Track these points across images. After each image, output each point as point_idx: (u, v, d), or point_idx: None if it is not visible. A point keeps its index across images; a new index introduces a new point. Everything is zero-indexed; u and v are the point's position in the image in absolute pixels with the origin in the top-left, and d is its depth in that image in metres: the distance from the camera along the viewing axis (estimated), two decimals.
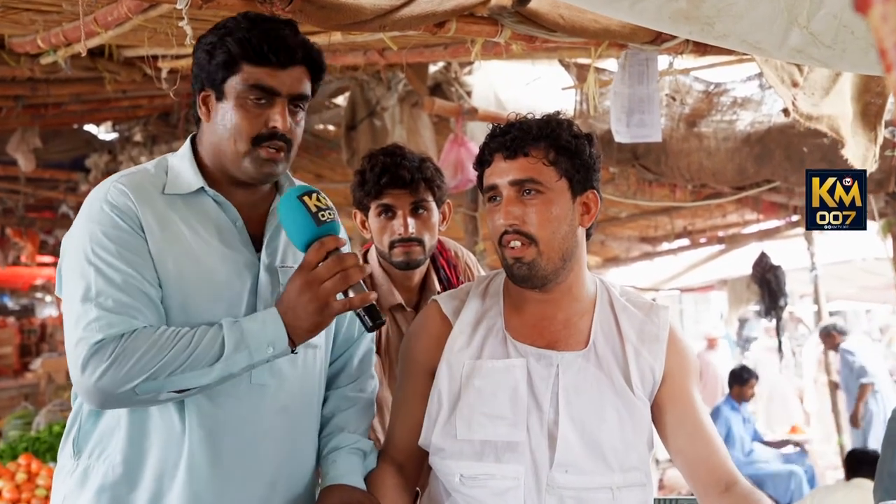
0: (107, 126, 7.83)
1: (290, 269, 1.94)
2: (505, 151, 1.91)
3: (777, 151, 4.68)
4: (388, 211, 2.61)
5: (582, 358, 1.93)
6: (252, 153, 1.83)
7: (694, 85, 4.85)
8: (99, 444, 1.83)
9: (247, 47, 1.79)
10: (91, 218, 1.78)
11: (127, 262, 1.75)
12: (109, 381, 1.68)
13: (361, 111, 5.55)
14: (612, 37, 3.00)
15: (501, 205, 1.91)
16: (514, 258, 1.91)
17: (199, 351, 1.71)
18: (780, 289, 9.12)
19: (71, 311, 1.75)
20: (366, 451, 2.02)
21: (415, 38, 3.39)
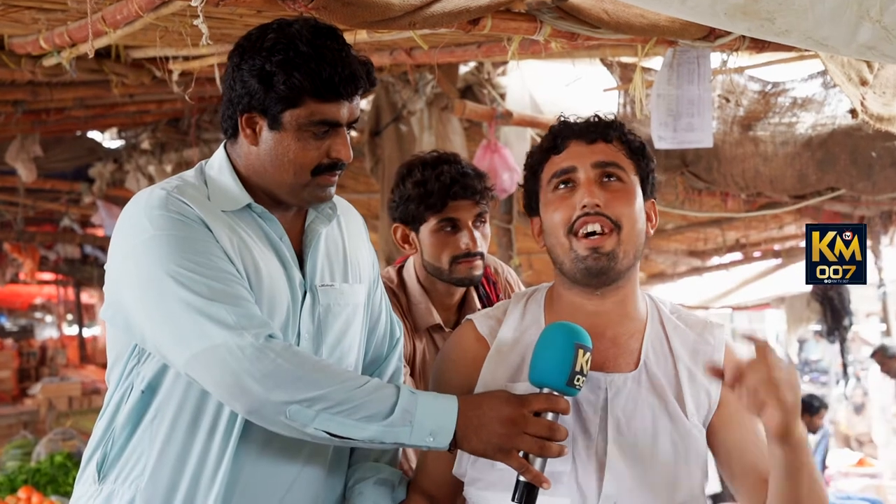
0: (112, 133, 7.91)
1: (330, 287, 1.98)
2: (586, 136, 1.93)
3: (842, 156, 4.64)
4: (453, 224, 2.60)
5: (632, 380, 1.91)
6: (311, 183, 1.88)
7: (749, 85, 4.82)
8: (126, 466, 1.86)
9: (317, 83, 1.81)
10: (160, 227, 1.79)
11: (225, 262, 1.79)
12: (269, 386, 1.69)
13: (386, 115, 5.56)
14: (660, 33, 2.99)
15: (579, 189, 1.90)
16: (591, 248, 1.88)
17: (368, 400, 1.73)
18: (843, 307, 9.02)
19: (184, 320, 1.74)
20: (394, 483, 2.02)
21: (446, 36, 3.39)
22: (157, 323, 1.79)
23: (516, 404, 1.76)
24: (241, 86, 1.86)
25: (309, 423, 1.71)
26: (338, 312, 1.98)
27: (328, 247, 2.03)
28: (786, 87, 4.77)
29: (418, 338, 2.69)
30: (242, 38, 1.90)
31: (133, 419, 1.87)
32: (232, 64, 1.89)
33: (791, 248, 9.89)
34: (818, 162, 4.70)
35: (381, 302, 2.17)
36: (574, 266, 1.92)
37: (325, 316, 1.96)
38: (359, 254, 2.10)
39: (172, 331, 1.77)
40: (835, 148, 4.63)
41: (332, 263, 2.02)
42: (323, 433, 1.73)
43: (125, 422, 1.88)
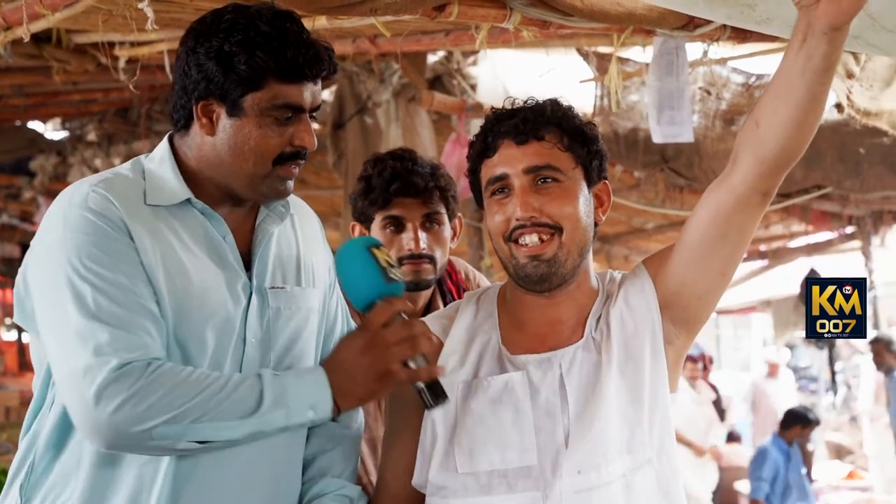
0: (55, 123, 7.82)
1: (281, 290, 1.96)
2: (515, 136, 1.93)
3: (829, 153, 4.67)
4: (397, 223, 2.61)
5: (581, 349, 1.96)
6: (272, 174, 1.86)
7: (732, 77, 4.84)
8: (52, 491, 1.82)
9: (281, 63, 1.80)
10: (72, 227, 1.76)
11: (126, 276, 1.75)
12: (127, 416, 1.67)
13: (350, 107, 5.54)
14: (637, 22, 3.00)
15: (513, 196, 1.92)
16: (530, 256, 1.91)
17: (232, 400, 1.72)
18: None
19: (65, 335, 1.72)
20: (352, 498, 2.02)
21: (411, 23, 3.39)
22: (48, 334, 1.78)
23: (363, 331, 1.81)
24: (197, 70, 1.83)
25: (179, 438, 1.70)
26: (289, 317, 1.96)
27: (280, 248, 2.01)
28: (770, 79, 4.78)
29: None
30: (196, 21, 1.88)
31: (58, 435, 1.83)
32: (185, 48, 1.86)
33: (778, 249, 9.96)
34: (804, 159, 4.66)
35: (338, 307, 2.16)
36: (516, 273, 1.96)
37: (276, 320, 1.94)
38: (314, 257, 2.08)
39: (55, 345, 1.76)
40: (821, 144, 4.65)
41: (284, 265, 2.00)
42: (195, 444, 1.72)
43: (49, 438, 1.84)
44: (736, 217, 1.87)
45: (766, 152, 1.79)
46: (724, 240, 1.89)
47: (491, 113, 2.00)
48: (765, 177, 1.83)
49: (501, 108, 1.99)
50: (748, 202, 1.86)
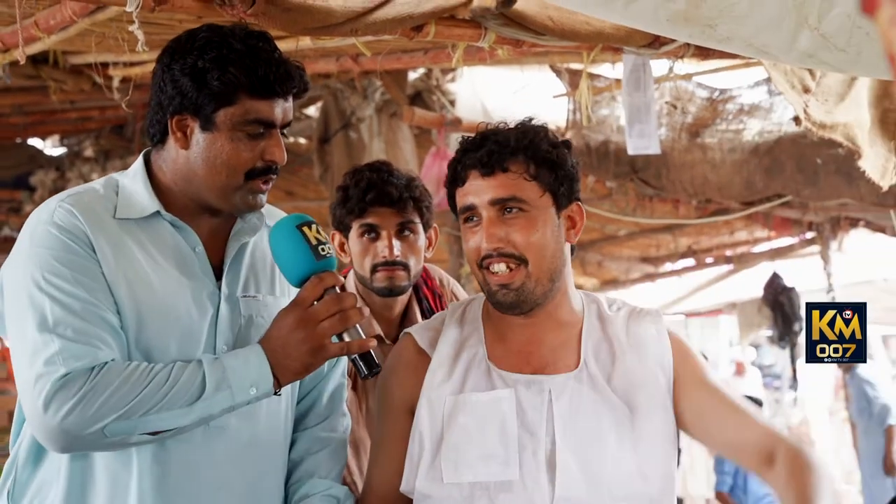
0: (54, 140, 7.79)
1: (253, 298, 1.94)
2: (481, 168, 1.90)
3: (788, 163, 4.69)
4: (372, 231, 2.60)
5: (574, 379, 1.92)
6: (244, 187, 1.84)
7: (696, 91, 4.86)
8: (37, 496, 1.81)
9: (253, 79, 1.78)
10: (37, 242, 1.75)
11: (84, 288, 1.73)
12: (77, 421, 1.65)
13: (335, 122, 5.54)
14: (605, 40, 3.00)
15: (482, 227, 1.90)
16: (499, 285, 1.90)
17: (176, 389, 1.70)
18: (794, 312, 9.12)
19: (23, 346, 1.71)
20: (339, 499, 1.99)
21: (391, 42, 3.38)
22: (12, 343, 1.77)
23: (294, 307, 1.78)
24: (172, 86, 1.81)
25: (133, 431, 1.69)
26: (261, 325, 1.92)
27: (254, 258, 1.99)
28: (732, 94, 4.82)
29: None
30: (172, 40, 1.87)
31: (37, 446, 1.81)
32: (161, 65, 1.85)
33: (742, 254, 9.97)
34: (765, 169, 4.74)
35: None
36: (490, 298, 1.96)
37: (247, 328, 1.92)
38: None
39: (16, 354, 1.74)
40: (781, 155, 4.67)
41: (257, 274, 1.98)
42: (147, 436, 1.71)
43: (31, 446, 1.82)
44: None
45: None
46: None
47: (462, 142, 1.97)
48: None
49: (472, 137, 1.96)
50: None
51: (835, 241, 8.04)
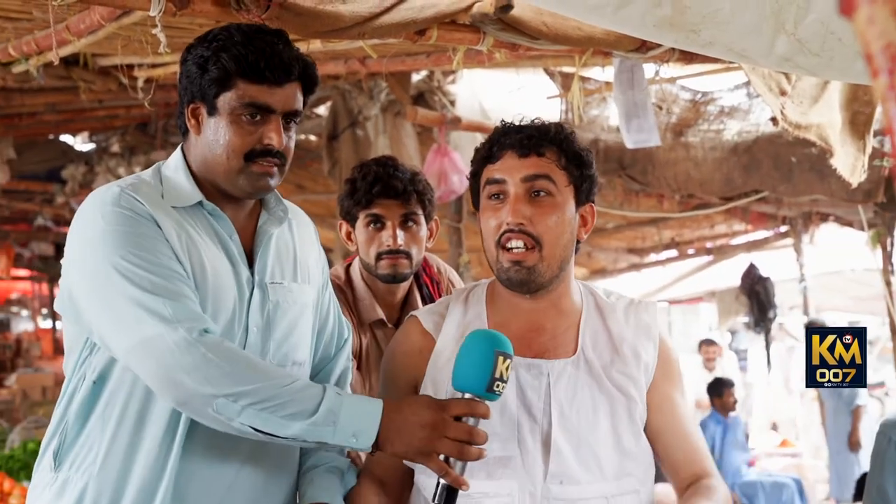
0: (83, 136, 7.79)
1: (279, 285, 1.94)
2: (519, 149, 1.88)
3: (765, 161, 4.69)
4: (378, 221, 2.59)
5: (572, 365, 1.91)
6: (245, 169, 1.83)
7: (680, 94, 4.85)
8: (80, 455, 1.81)
9: (242, 64, 1.77)
10: (110, 222, 1.75)
11: (167, 258, 1.74)
12: (198, 378, 1.65)
13: (343, 121, 5.53)
14: (596, 45, 2.98)
15: (508, 202, 1.87)
16: (513, 261, 1.87)
17: (292, 398, 1.68)
18: (768, 300, 9.12)
19: (126, 311, 1.70)
20: (343, 470, 1.99)
21: (395, 46, 3.37)
22: (102, 314, 1.75)
23: (437, 409, 1.72)
24: (185, 76, 1.84)
25: (235, 417, 1.67)
26: (286, 309, 1.94)
27: (279, 247, 1.99)
28: (714, 96, 4.81)
29: (363, 332, 2.67)
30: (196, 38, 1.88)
31: (85, 409, 1.82)
32: (181, 60, 1.87)
33: (722, 246, 9.97)
34: (744, 166, 4.74)
35: (330, 303, 2.13)
36: (500, 275, 1.92)
37: (275, 312, 1.92)
38: (308, 257, 2.06)
39: (114, 322, 1.73)
40: (759, 153, 4.67)
41: (282, 263, 1.97)
42: (249, 428, 1.69)
43: (78, 411, 1.83)
44: None
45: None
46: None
47: (500, 125, 1.95)
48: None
49: (510, 122, 1.94)
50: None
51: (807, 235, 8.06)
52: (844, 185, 3.97)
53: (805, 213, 7.52)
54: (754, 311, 9.29)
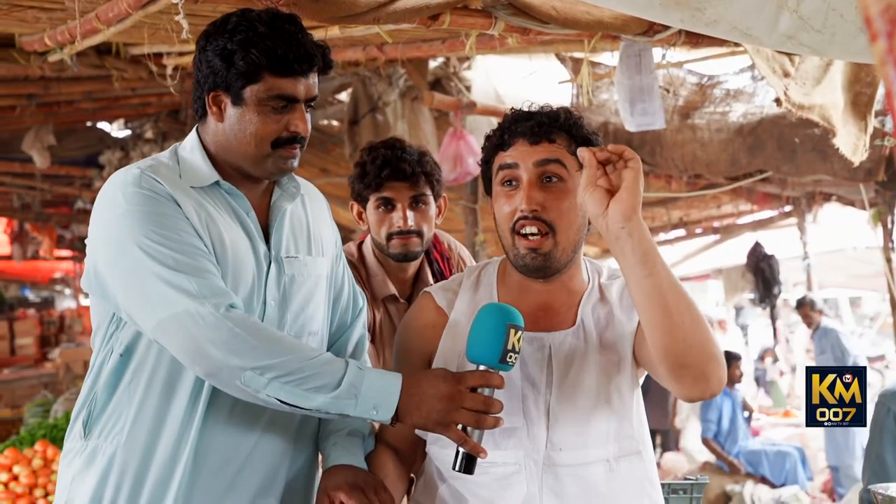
0: (119, 123, 7.81)
1: (294, 258, 1.92)
2: (530, 136, 1.83)
3: (769, 142, 4.62)
4: (388, 204, 2.56)
5: (572, 335, 1.88)
6: (272, 155, 1.82)
7: (687, 77, 4.79)
8: (108, 424, 1.80)
9: (273, 58, 1.75)
10: (131, 202, 1.73)
11: (191, 236, 1.73)
12: (226, 352, 1.64)
13: (364, 106, 5.51)
14: (604, 28, 2.93)
15: (521, 188, 1.82)
16: (529, 248, 1.83)
17: (316, 372, 1.67)
18: (773, 277, 9.07)
19: (153, 288, 1.68)
20: (364, 434, 1.97)
21: (410, 32, 3.32)
22: (128, 291, 1.73)
23: (453, 381, 1.70)
24: (207, 66, 1.79)
25: (261, 389, 1.66)
26: (301, 282, 1.92)
27: (293, 222, 1.96)
28: (720, 79, 4.75)
29: (376, 307, 2.65)
30: (209, 24, 1.84)
31: (112, 381, 1.81)
32: (199, 48, 1.83)
33: (728, 225, 9.91)
34: (749, 147, 4.67)
35: (344, 274, 2.11)
36: (516, 261, 1.87)
37: (290, 285, 1.90)
38: (322, 231, 2.04)
39: (141, 299, 1.71)
40: (763, 134, 4.61)
41: (296, 237, 1.95)
42: (274, 399, 1.67)
43: (106, 383, 1.82)
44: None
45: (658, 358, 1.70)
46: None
47: (510, 113, 1.90)
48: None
49: (520, 109, 1.89)
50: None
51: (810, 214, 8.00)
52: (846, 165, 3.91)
53: (808, 193, 7.45)
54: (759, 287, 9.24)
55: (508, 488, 1.82)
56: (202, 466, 1.79)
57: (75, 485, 1.81)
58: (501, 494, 1.83)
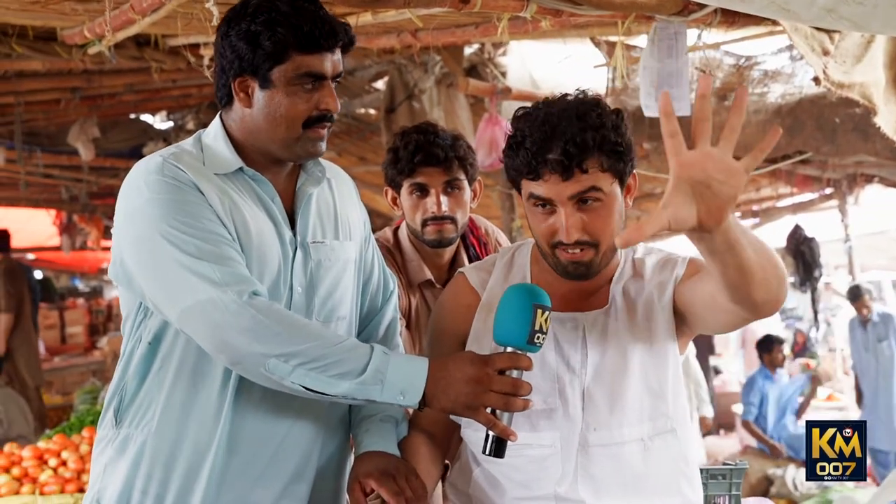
0: (162, 115, 7.87)
1: (321, 244, 1.88)
2: (562, 172, 1.70)
3: (809, 122, 4.51)
4: (422, 189, 2.52)
5: (604, 314, 1.84)
6: (303, 136, 1.79)
7: (724, 59, 4.68)
8: (139, 413, 1.79)
9: (300, 36, 1.72)
10: (155, 191, 1.71)
11: (214, 223, 1.71)
12: (249, 339, 1.62)
13: (400, 94, 5.48)
14: (638, 8, 2.86)
15: (559, 217, 1.74)
16: (571, 262, 1.77)
17: (341, 358, 1.65)
18: (814, 260, 8.90)
19: (177, 276, 1.66)
20: (398, 419, 1.94)
21: (442, 16, 3.27)
22: (152, 280, 1.72)
23: (481, 364, 1.66)
24: (231, 51, 1.76)
25: (286, 376, 1.63)
26: (329, 267, 1.89)
27: (319, 207, 1.93)
28: (757, 60, 4.64)
29: (412, 293, 2.61)
30: (228, 10, 1.81)
31: (142, 369, 1.80)
32: (221, 34, 1.80)
33: (767, 209, 9.73)
34: (787, 128, 4.56)
35: (374, 258, 2.08)
36: (556, 268, 1.82)
37: (317, 270, 1.87)
38: (349, 214, 2.00)
39: (165, 287, 1.69)
40: (802, 115, 4.50)
41: (323, 222, 1.92)
42: (299, 387, 1.65)
43: (136, 371, 1.81)
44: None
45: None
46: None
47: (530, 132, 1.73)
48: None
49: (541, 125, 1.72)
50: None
51: (851, 196, 7.87)
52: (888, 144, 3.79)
53: (849, 175, 7.30)
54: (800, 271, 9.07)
55: (543, 470, 1.80)
56: (234, 454, 1.77)
57: (108, 472, 1.80)
58: (537, 476, 1.81)
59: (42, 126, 7.07)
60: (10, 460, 4.26)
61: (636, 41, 4.33)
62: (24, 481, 4.13)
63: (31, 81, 5.47)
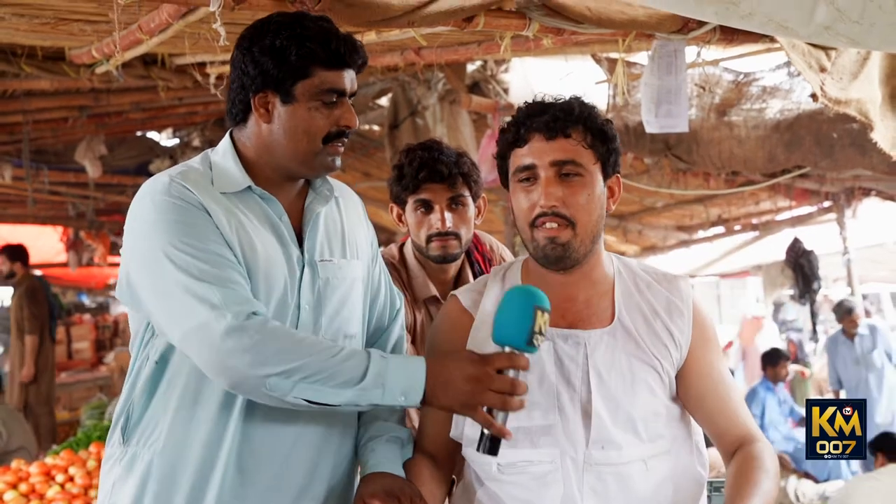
0: (168, 133, 7.89)
1: (329, 262, 1.88)
2: (546, 132, 1.79)
3: (807, 138, 4.52)
4: (426, 205, 2.52)
5: (608, 334, 1.85)
6: (322, 151, 1.80)
7: (723, 75, 4.71)
8: (146, 431, 1.79)
9: (327, 51, 1.75)
10: (161, 211, 1.71)
11: (219, 245, 1.71)
12: (248, 361, 1.62)
13: (403, 111, 5.51)
14: (638, 27, 2.87)
15: (539, 185, 1.79)
16: (548, 238, 1.79)
17: (340, 368, 1.65)
18: (813, 273, 8.90)
19: (178, 298, 1.66)
20: (403, 440, 1.94)
21: (445, 34, 3.29)
22: (156, 302, 1.72)
23: (479, 363, 1.67)
24: (254, 66, 1.77)
25: (288, 392, 1.64)
26: (336, 285, 1.89)
27: (327, 225, 1.93)
28: (756, 76, 4.66)
29: (417, 309, 2.61)
30: (247, 28, 1.82)
31: (149, 388, 1.80)
32: (241, 50, 1.80)
33: (767, 222, 9.74)
34: (786, 143, 4.58)
35: (381, 276, 2.08)
36: (535, 252, 1.85)
37: (325, 288, 1.87)
38: (357, 233, 2.00)
39: (167, 310, 1.70)
40: (800, 130, 4.51)
41: (330, 241, 1.92)
42: (302, 401, 1.65)
43: (143, 390, 1.80)
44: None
45: None
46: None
47: (523, 106, 1.87)
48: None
49: (533, 102, 1.85)
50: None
51: (849, 209, 7.88)
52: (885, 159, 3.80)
53: (847, 189, 7.32)
54: (799, 283, 9.08)
55: (545, 488, 1.79)
56: (241, 472, 1.77)
57: (116, 490, 1.80)
58: (540, 494, 1.79)
59: (50, 144, 7.09)
60: (17, 476, 4.25)
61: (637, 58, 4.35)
62: (32, 497, 4.12)
63: (40, 100, 5.50)
